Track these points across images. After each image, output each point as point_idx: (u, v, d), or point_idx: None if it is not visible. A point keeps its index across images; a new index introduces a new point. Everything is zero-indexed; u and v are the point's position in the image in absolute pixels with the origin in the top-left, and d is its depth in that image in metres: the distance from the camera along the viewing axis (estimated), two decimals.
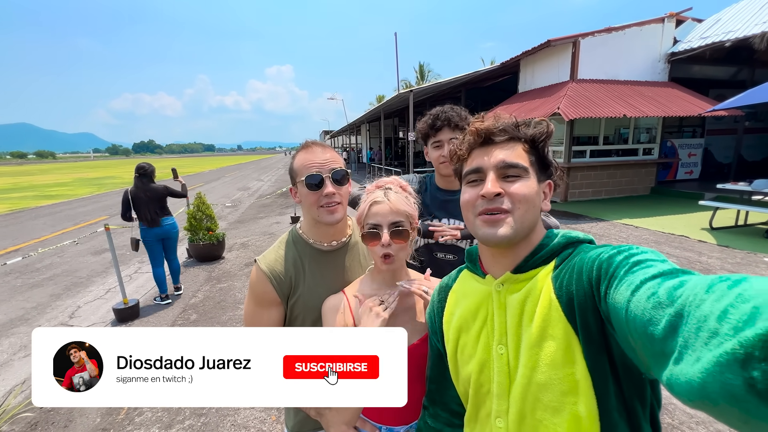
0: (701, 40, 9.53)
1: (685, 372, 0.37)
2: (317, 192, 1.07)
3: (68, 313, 4.53)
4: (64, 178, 32.98)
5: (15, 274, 6.09)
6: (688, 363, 0.37)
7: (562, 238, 0.71)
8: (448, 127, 1.40)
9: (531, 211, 0.69)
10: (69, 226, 10.15)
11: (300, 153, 1.11)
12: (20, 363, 3.45)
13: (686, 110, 8.95)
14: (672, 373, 0.40)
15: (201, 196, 6.15)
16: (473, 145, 0.74)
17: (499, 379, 0.70)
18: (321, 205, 1.08)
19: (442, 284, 0.91)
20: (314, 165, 1.07)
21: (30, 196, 18.75)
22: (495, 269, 0.76)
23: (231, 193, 16.96)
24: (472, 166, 0.73)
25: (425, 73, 36.27)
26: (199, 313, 4.32)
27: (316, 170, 1.06)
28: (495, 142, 0.72)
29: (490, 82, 14.30)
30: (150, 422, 2.57)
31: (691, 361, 0.37)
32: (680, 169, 11.75)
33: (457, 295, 0.84)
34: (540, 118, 0.74)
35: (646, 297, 0.46)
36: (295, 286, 1.10)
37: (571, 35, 9.71)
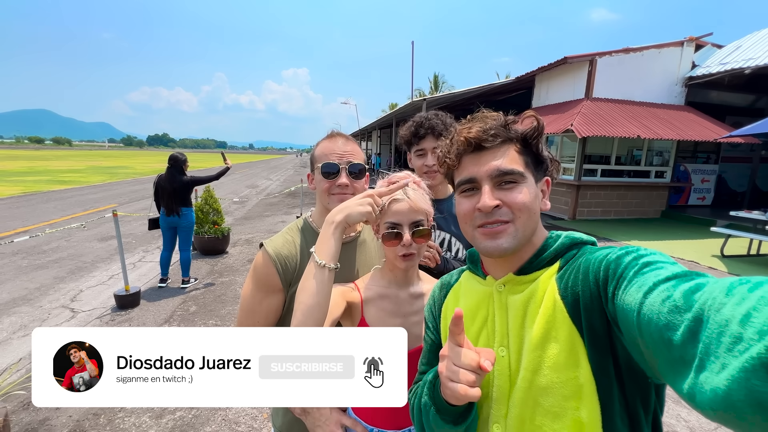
0: (720, 66, 9.46)
1: (710, 381, 0.35)
2: (331, 181, 1.07)
3: (70, 296, 4.56)
4: (78, 165, 33.59)
5: (22, 255, 6.17)
6: (712, 371, 0.35)
7: (566, 239, 0.68)
8: (432, 135, 1.36)
9: (532, 217, 0.67)
10: (78, 211, 10.29)
11: (323, 141, 1.13)
12: (19, 342, 3.46)
13: (702, 135, 8.85)
14: (695, 383, 0.37)
15: (209, 189, 6.19)
16: (462, 152, 0.70)
17: (499, 383, 0.67)
18: (332, 193, 1.08)
19: (444, 281, 0.89)
20: (334, 154, 1.08)
21: (44, 180, 19.10)
22: (496, 271, 0.73)
23: (239, 189, 17.10)
24: (464, 176, 0.69)
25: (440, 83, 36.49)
26: (198, 305, 4.31)
27: (335, 160, 1.07)
28: (486, 148, 0.68)
29: (504, 96, 14.32)
30: (141, 411, 2.55)
31: (716, 368, 0.35)
32: (692, 194, 11.59)
33: (458, 293, 0.82)
34: (530, 113, 0.70)
35: (661, 300, 0.44)
36: (299, 273, 1.08)
37: (588, 53, 9.71)
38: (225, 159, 5.22)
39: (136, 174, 25.12)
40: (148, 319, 3.94)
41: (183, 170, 4.68)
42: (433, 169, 1.36)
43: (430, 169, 1.37)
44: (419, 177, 1.42)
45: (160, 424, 2.42)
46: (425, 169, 1.39)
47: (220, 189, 15.86)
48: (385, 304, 1.02)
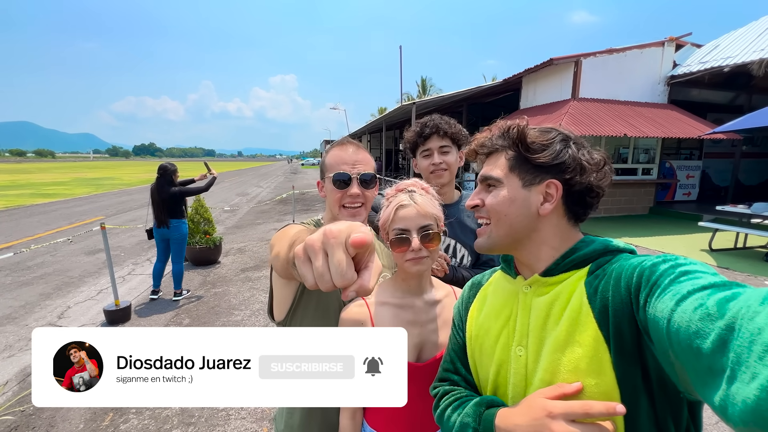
0: (700, 65, 9.72)
1: (741, 392, 0.33)
2: (343, 191, 1.06)
3: (57, 314, 4.42)
4: (62, 177, 32.81)
5: (5, 272, 5.96)
6: (743, 381, 0.34)
7: (599, 244, 0.67)
8: (437, 134, 1.36)
9: (505, 219, 0.69)
10: (64, 224, 10.02)
11: (334, 149, 1.12)
12: (4, 364, 3.32)
13: (686, 132, 9.06)
14: (726, 394, 0.35)
15: (200, 199, 6.09)
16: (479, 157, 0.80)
17: (515, 381, 0.67)
18: (343, 205, 1.07)
19: (475, 281, 0.89)
20: (345, 164, 1.07)
21: (27, 193, 18.59)
22: (526, 271, 0.73)
23: (230, 198, 16.90)
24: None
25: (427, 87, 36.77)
26: (191, 318, 4.22)
27: (346, 169, 1.07)
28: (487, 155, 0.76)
29: (492, 98, 14.48)
30: (136, 430, 2.47)
31: (747, 378, 0.33)
32: (678, 191, 11.84)
33: (486, 293, 0.82)
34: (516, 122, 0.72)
35: (693, 308, 0.42)
36: None
37: (573, 54, 9.88)
38: (209, 169, 5.11)
39: (123, 185, 24.65)
40: None
41: (173, 181, 4.59)
42: (441, 168, 1.35)
43: (437, 168, 1.36)
44: (426, 178, 1.41)
45: None
46: (432, 169, 1.37)
47: (210, 198, 15.63)
48: (403, 313, 0.99)
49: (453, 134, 1.35)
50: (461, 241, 1.37)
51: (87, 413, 2.65)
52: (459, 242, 1.37)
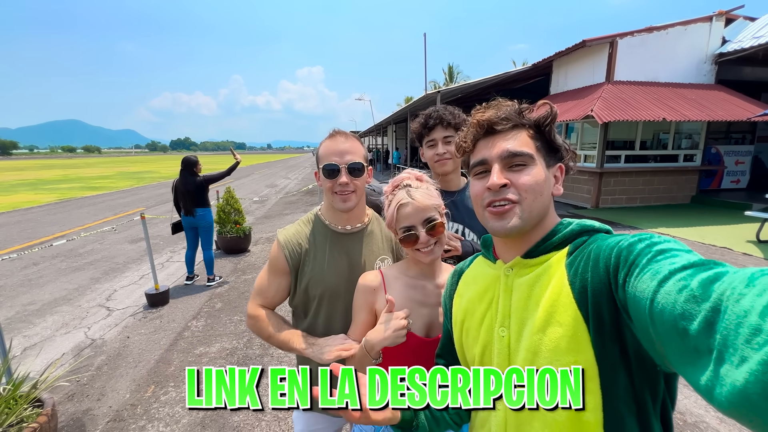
0: (753, 40, 8.88)
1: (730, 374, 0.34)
2: (333, 180, 1.15)
3: (105, 296, 4.82)
4: (107, 172, 35.16)
5: (61, 257, 6.55)
6: (731, 364, 0.34)
7: (576, 225, 0.68)
8: (441, 125, 1.39)
9: (539, 199, 0.68)
10: (109, 215, 10.80)
11: (325, 141, 1.20)
12: (62, 339, 3.70)
13: (734, 114, 8.37)
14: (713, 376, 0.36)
15: (230, 190, 6.38)
16: (477, 136, 0.73)
17: (498, 362, 0.69)
18: (335, 192, 1.15)
19: (457, 269, 0.92)
20: (335, 154, 1.14)
21: (77, 187, 20.12)
22: (506, 255, 0.75)
23: (259, 189, 17.47)
24: (477, 158, 0.72)
25: (454, 74, 35.90)
26: (223, 302, 4.48)
27: (335, 160, 1.13)
28: (498, 132, 0.70)
29: (521, 83, 13.95)
30: (174, 401, 2.69)
31: (736, 361, 0.34)
32: (725, 178, 11.02)
33: (468, 279, 0.84)
34: (543, 102, 0.72)
35: (677, 289, 0.42)
36: (305, 259, 1.20)
37: (608, 35, 9.32)
38: (234, 154, 5.49)
39: (161, 178, 26.06)
40: (178, 316, 4.13)
41: (195, 172, 4.82)
42: (445, 157, 1.39)
43: (441, 158, 1.40)
44: (432, 167, 1.45)
45: (192, 414, 2.55)
46: (436, 158, 1.42)
47: (240, 189, 16.26)
48: (414, 294, 1.06)
49: (456, 124, 1.38)
50: (469, 225, 1.40)
51: (132, 385, 2.92)
52: (467, 227, 1.41)
